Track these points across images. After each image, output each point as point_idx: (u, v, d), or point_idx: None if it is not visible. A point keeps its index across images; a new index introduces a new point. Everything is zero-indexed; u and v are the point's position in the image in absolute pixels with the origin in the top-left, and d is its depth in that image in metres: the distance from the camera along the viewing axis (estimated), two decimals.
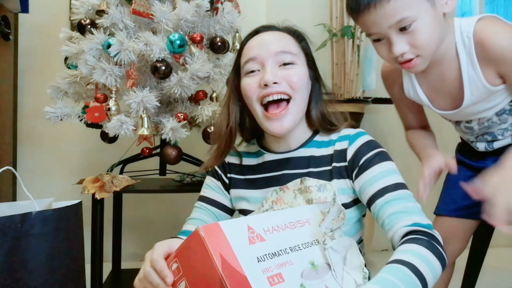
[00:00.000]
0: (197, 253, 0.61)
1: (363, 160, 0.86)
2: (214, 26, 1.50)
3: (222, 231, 0.62)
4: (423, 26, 0.87)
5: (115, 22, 1.39)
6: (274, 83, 0.85)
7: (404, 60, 0.91)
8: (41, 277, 0.90)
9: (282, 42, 0.90)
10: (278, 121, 0.86)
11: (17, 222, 0.89)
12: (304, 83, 0.90)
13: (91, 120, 1.48)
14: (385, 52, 0.93)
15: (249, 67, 0.89)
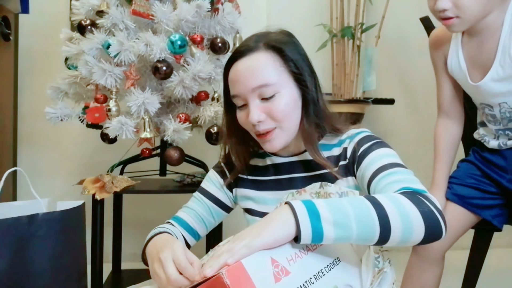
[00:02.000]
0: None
1: (361, 151, 0.85)
2: (215, 26, 1.50)
3: (247, 273, 0.58)
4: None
5: (115, 22, 1.39)
6: (259, 121, 0.85)
7: (446, 16, 0.99)
8: (45, 277, 0.90)
9: (258, 73, 0.84)
10: (268, 142, 0.87)
11: (24, 223, 0.89)
12: (290, 108, 0.86)
13: (91, 121, 1.48)
14: (431, 3, 1.02)
15: (237, 103, 0.88)
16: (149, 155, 1.57)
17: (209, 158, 1.81)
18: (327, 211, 0.64)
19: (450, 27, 1.02)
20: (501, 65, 1.01)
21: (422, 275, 1.12)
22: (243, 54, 0.86)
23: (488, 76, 1.04)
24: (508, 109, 1.07)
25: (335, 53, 2.10)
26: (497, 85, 1.04)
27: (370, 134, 0.90)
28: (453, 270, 1.47)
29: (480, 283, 1.42)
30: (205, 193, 1.00)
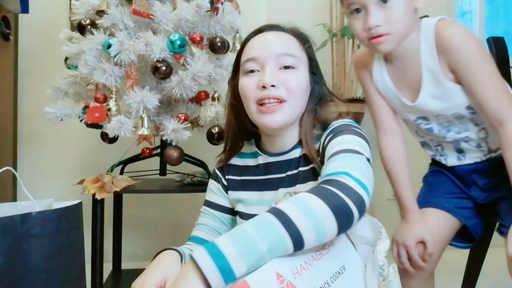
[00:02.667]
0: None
1: (329, 136, 0.83)
2: (214, 26, 1.50)
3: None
4: (400, 5, 0.93)
5: (115, 22, 1.39)
6: (272, 86, 0.84)
7: (376, 34, 0.94)
8: (41, 277, 0.90)
9: (285, 44, 0.88)
10: (270, 115, 0.85)
11: (17, 222, 0.89)
12: (303, 88, 0.88)
13: (91, 121, 1.48)
14: (359, 24, 0.96)
15: (249, 67, 0.88)
16: (149, 155, 1.57)
17: (210, 158, 1.80)
18: (229, 246, 0.60)
19: (380, 45, 0.95)
20: (431, 83, 1.01)
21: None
22: (272, 28, 0.92)
23: (422, 95, 1.02)
24: (444, 118, 1.06)
25: (335, 52, 2.10)
26: (434, 102, 1.03)
27: (342, 124, 0.86)
28: (453, 270, 1.47)
29: (480, 283, 1.42)
30: (209, 204, 1.00)
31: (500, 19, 4.82)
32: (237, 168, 1.00)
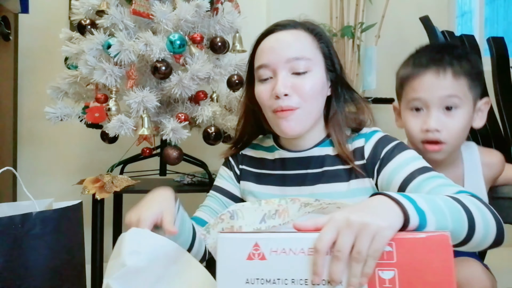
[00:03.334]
0: (434, 257, 0.53)
1: (384, 153, 0.83)
2: (214, 26, 1.50)
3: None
4: (462, 118, 0.89)
5: (115, 22, 1.39)
6: (285, 95, 0.83)
7: (434, 139, 0.90)
8: (41, 277, 0.90)
9: (297, 46, 0.85)
10: (287, 123, 0.84)
11: (17, 223, 0.89)
12: (317, 91, 0.86)
13: (91, 121, 1.48)
14: (417, 123, 0.92)
15: (262, 74, 0.87)
16: (149, 155, 1.57)
17: (209, 158, 1.81)
18: (423, 203, 0.60)
19: (436, 154, 0.92)
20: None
21: None
22: (283, 27, 0.89)
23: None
24: None
25: None
26: None
27: (386, 135, 0.88)
28: None
29: None
30: (217, 188, 1.01)
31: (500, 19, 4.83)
32: (252, 159, 0.99)
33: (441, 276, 0.52)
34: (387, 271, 0.54)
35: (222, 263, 0.58)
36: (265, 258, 0.57)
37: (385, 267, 0.54)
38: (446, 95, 0.88)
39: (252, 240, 0.58)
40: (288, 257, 0.56)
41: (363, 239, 0.53)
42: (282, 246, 0.57)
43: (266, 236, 0.58)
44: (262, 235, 0.58)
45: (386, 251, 0.54)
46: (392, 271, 0.54)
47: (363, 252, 0.52)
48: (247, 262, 0.57)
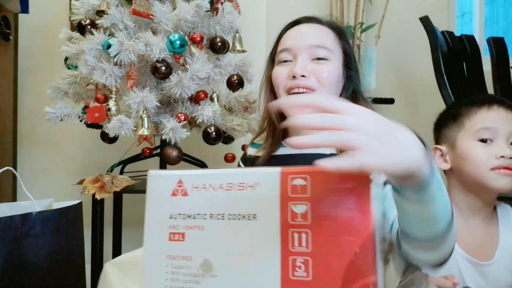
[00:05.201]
0: (350, 195, 0.50)
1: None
2: (214, 26, 1.50)
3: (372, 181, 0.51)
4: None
5: (115, 22, 1.39)
6: (302, 76, 0.85)
7: (510, 165, 0.91)
8: (41, 277, 0.90)
9: (319, 36, 0.89)
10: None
11: (17, 223, 0.89)
12: (334, 80, 0.89)
13: (91, 121, 1.49)
14: (483, 151, 0.93)
15: (282, 57, 0.90)
16: (149, 155, 1.57)
17: (210, 158, 1.81)
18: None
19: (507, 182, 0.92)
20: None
21: None
22: (309, 20, 0.94)
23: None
24: None
25: None
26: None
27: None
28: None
29: None
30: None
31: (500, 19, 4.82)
32: (256, 158, 0.98)
33: (359, 212, 0.49)
34: (299, 205, 0.52)
35: (150, 199, 0.60)
36: (187, 194, 0.58)
37: (298, 201, 0.52)
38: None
39: (176, 177, 0.59)
40: (208, 192, 0.57)
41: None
42: (203, 182, 0.57)
43: (190, 173, 0.59)
44: (187, 171, 0.59)
45: (299, 184, 0.52)
46: (305, 205, 0.52)
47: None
48: (171, 198, 0.58)
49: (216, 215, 0.56)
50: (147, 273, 0.59)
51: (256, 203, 0.54)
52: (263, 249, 0.53)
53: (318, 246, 0.50)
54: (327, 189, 0.51)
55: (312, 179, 0.52)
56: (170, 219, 0.58)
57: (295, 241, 0.51)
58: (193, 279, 0.56)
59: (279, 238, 0.52)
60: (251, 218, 0.54)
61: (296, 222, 0.52)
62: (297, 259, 0.51)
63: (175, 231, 0.58)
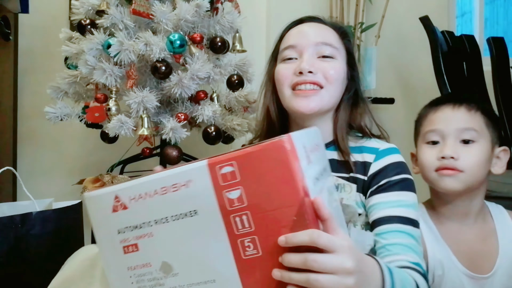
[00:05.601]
0: (272, 166, 0.52)
1: (384, 182, 0.82)
2: (214, 26, 1.50)
3: (295, 147, 0.54)
4: (480, 152, 0.89)
5: (115, 22, 1.39)
6: (309, 72, 0.84)
7: (449, 165, 0.89)
8: (41, 276, 0.90)
9: (325, 34, 0.89)
10: (306, 99, 0.84)
11: (17, 222, 0.89)
12: (340, 78, 0.88)
13: (91, 120, 1.48)
14: (432, 153, 0.91)
15: (287, 54, 0.89)
16: (149, 155, 1.57)
17: None
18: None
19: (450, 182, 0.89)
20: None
21: None
22: (312, 19, 0.93)
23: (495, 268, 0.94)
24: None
25: None
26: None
27: (399, 161, 0.86)
28: None
29: None
30: None
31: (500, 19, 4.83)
32: None
33: (285, 183, 0.52)
34: (233, 191, 0.54)
35: (94, 219, 0.62)
36: (127, 207, 0.59)
37: (230, 187, 0.54)
38: (462, 127, 0.89)
39: (112, 193, 0.60)
40: (146, 201, 0.58)
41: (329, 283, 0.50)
42: (138, 192, 0.59)
43: (123, 187, 0.60)
44: (119, 186, 0.60)
45: (228, 172, 0.54)
46: (238, 189, 0.54)
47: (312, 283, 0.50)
48: (113, 215, 0.60)
49: (160, 220, 0.58)
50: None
51: (193, 199, 0.56)
52: (212, 239, 0.56)
53: (259, 223, 0.53)
54: (254, 170, 0.53)
55: (239, 163, 0.54)
56: (119, 234, 0.60)
57: (238, 225, 0.54)
58: (158, 282, 0.59)
59: (223, 225, 0.55)
60: (193, 214, 0.56)
61: (235, 207, 0.54)
62: (244, 240, 0.54)
63: (128, 244, 0.60)
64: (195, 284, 0.57)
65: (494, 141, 0.93)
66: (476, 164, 0.89)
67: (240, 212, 0.54)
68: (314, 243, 0.50)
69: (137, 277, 0.60)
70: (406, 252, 0.74)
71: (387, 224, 0.78)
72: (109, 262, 0.62)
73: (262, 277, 0.54)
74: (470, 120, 0.90)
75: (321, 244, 0.50)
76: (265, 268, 0.54)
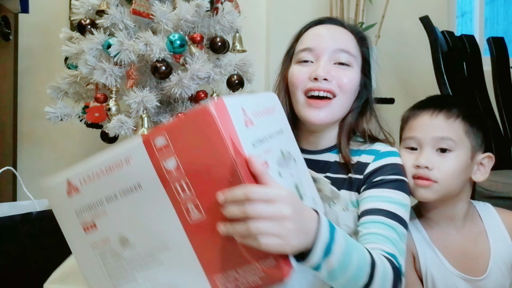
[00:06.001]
0: (201, 131, 0.55)
1: (379, 179, 0.82)
2: (214, 26, 1.50)
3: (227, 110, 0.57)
4: (457, 161, 0.87)
5: (115, 22, 1.39)
6: (325, 79, 0.83)
7: (424, 175, 0.87)
8: (41, 277, 0.90)
9: (343, 40, 0.87)
10: (317, 109, 0.84)
11: (17, 223, 0.89)
12: (354, 87, 0.87)
13: (91, 120, 1.48)
14: (411, 159, 0.89)
15: (303, 56, 0.87)
16: None
17: None
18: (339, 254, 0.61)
19: (424, 191, 0.87)
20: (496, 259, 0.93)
21: None
22: (333, 21, 0.90)
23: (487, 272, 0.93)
24: None
25: None
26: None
27: (397, 164, 0.86)
28: None
29: None
30: None
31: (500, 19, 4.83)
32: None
33: (216, 146, 0.55)
34: (169, 161, 0.57)
35: (54, 207, 0.67)
36: (79, 190, 0.65)
37: (166, 158, 0.57)
38: (439, 136, 0.87)
39: (63, 180, 0.65)
40: (95, 182, 0.63)
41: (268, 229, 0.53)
42: (86, 175, 0.64)
43: (72, 172, 0.66)
44: (70, 171, 0.66)
45: (163, 144, 0.57)
46: (173, 159, 0.57)
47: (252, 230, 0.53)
48: (69, 199, 0.65)
49: (110, 198, 0.62)
50: (84, 270, 0.67)
51: (136, 174, 0.60)
52: (159, 209, 0.59)
53: (199, 188, 0.56)
54: (185, 138, 0.56)
55: (169, 134, 0.57)
56: (78, 217, 0.65)
57: (180, 192, 0.57)
58: (119, 256, 0.63)
59: (166, 195, 0.58)
60: (138, 188, 0.60)
61: (174, 176, 0.57)
62: (188, 205, 0.57)
63: (86, 224, 0.64)
64: (151, 252, 0.61)
65: (475, 148, 0.90)
66: (451, 174, 0.87)
67: (179, 180, 0.57)
68: (248, 197, 0.52)
69: (101, 255, 0.64)
70: (384, 243, 0.73)
71: (372, 215, 0.78)
72: (75, 245, 0.66)
73: (210, 237, 0.57)
74: (448, 128, 0.88)
75: (255, 197, 0.52)
76: (212, 229, 0.56)
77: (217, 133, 0.54)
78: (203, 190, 0.56)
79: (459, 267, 0.91)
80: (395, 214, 0.77)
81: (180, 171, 0.57)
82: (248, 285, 0.58)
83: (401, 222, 0.78)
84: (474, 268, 0.91)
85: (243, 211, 0.53)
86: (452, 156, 0.87)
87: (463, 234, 0.93)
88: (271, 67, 2.13)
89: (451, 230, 0.93)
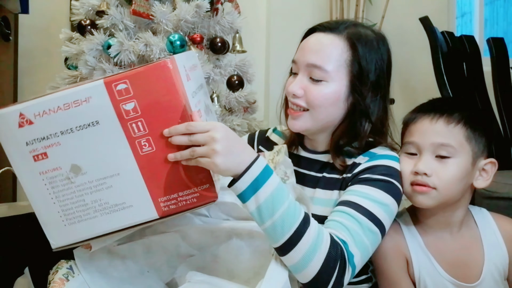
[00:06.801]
0: (159, 82, 0.67)
1: (365, 176, 0.82)
2: (214, 26, 1.50)
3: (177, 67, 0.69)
4: (457, 168, 0.85)
5: (115, 22, 1.39)
6: (293, 95, 0.86)
7: (422, 182, 0.85)
8: (41, 276, 0.91)
9: (320, 53, 0.84)
10: (293, 120, 0.88)
11: (17, 222, 0.89)
12: (327, 102, 0.85)
13: None
14: (409, 165, 0.87)
15: (293, 68, 0.91)
16: None
17: None
18: (268, 193, 0.68)
19: (422, 198, 0.86)
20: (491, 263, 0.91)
21: None
22: (323, 29, 0.88)
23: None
24: None
25: None
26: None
27: (391, 166, 0.85)
28: None
29: None
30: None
31: (499, 20, 4.83)
32: (272, 145, 0.99)
33: (170, 95, 0.67)
34: (128, 103, 0.67)
35: (2, 137, 0.70)
36: (33, 122, 0.68)
37: (126, 101, 0.67)
38: (438, 142, 0.85)
39: (16, 111, 0.68)
40: (50, 116, 0.68)
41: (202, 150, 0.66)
42: (42, 109, 0.68)
43: (26, 105, 0.69)
44: (24, 104, 0.69)
45: (123, 88, 0.67)
46: (132, 102, 0.67)
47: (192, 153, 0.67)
48: (20, 130, 0.68)
49: (66, 131, 0.68)
50: (31, 195, 0.71)
51: (94, 112, 0.68)
52: (114, 143, 0.69)
53: (152, 127, 0.68)
54: (144, 85, 0.67)
55: (131, 81, 0.67)
56: (27, 146, 0.69)
57: (135, 129, 0.68)
58: (69, 181, 0.70)
59: (122, 131, 0.68)
60: (95, 124, 0.68)
61: (130, 116, 0.68)
62: (141, 140, 0.69)
63: (37, 153, 0.69)
64: (102, 178, 0.70)
65: (477, 154, 0.87)
66: (451, 181, 0.85)
67: (135, 120, 0.68)
68: (189, 129, 0.66)
69: (50, 179, 0.70)
70: (340, 230, 0.73)
71: (341, 206, 0.78)
72: (21, 171, 0.70)
73: (158, 166, 0.69)
74: (448, 135, 0.85)
75: (196, 128, 0.67)
76: (159, 159, 0.69)
77: (172, 84, 0.67)
78: (155, 129, 0.68)
79: (453, 273, 0.90)
80: (366, 209, 0.77)
81: (137, 112, 0.67)
82: (186, 204, 0.71)
83: (372, 218, 0.76)
84: (467, 274, 0.90)
85: (187, 138, 0.67)
86: (452, 163, 0.85)
87: (458, 240, 0.92)
88: (271, 67, 2.14)
89: (445, 235, 0.92)
